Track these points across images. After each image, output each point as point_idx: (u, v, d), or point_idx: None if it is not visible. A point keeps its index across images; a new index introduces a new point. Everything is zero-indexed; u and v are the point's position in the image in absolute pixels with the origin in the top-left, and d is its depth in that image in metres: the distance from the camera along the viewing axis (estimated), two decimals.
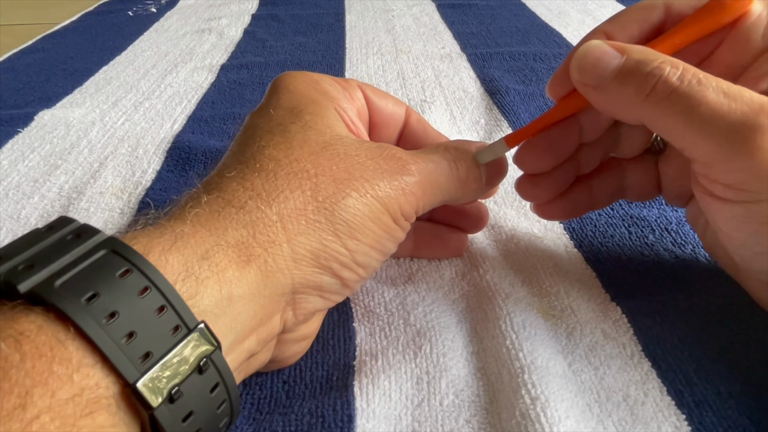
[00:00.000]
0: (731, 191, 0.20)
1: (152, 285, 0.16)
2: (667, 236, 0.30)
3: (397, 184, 0.22)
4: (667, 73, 0.19)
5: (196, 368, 0.16)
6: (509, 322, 0.24)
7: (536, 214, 0.28)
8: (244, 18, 0.75)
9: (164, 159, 0.41)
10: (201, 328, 0.16)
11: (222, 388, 0.17)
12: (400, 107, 0.27)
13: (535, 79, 0.52)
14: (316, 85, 0.24)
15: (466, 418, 0.21)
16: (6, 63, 0.62)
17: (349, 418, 0.21)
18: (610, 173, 0.27)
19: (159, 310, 0.16)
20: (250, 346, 0.19)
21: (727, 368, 0.22)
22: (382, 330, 0.25)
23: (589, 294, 0.26)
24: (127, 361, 0.15)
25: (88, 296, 0.15)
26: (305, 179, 0.20)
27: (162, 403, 0.15)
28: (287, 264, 0.19)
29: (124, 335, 0.15)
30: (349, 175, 0.21)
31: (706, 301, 0.25)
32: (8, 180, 0.39)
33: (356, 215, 0.20)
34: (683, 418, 0.20)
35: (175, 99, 0.51)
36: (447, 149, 0.24)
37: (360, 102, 0.26)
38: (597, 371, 0.22)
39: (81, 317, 0.14)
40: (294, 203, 0.20)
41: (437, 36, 0.66)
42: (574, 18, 0.70)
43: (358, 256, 0.21)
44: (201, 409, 0.16)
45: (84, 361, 0.14)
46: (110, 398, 0.14)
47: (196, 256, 0.18)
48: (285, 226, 0.19)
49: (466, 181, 0.24)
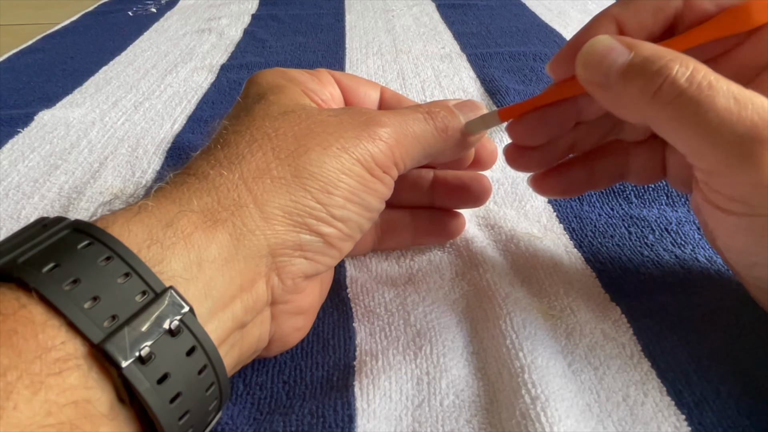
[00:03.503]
0: (733, 203, 0.19)
1: (114, 254, 0.16)
2: (667, 236, 0.30)
3: (365, 134, 0.21)
4: (675, 72, 0.18)
5: (168, 330, 0.16)
6: (509, 321, 0.24)
7: (533, 188, 0.27)
8: (244, 18, 0.75)
9: (164, 159, 0.41)
10: (170, 292, 0.16)
11: (201, 353, 0.17)
12: (373, 89, 0.27)
13: (535, 79, 0.52)
14: (283, 74, 0.25)
15: (466, 418, 0.21)
16: (6, 63, 0.62)
17: (350, 418, 0.21)
18: (612, 155, 0.26)
19: (124, 277, 0.16)
20: (235, 314, 0.19)
21: (726, 368, 0.22)
22: (382, 330, 0.25)
23: (589, 294, 0.26)
24: (90, 323, 0.15)
25: (50, 267, 0.15)
26: (266, 141, 0.20)
27: (131, 363, 0.15)
28: (258, 224, 0.19)
29: (88, 299, 0.15)
30: (310, 131, 0.21)
31: (706, 301, 0.25)
32: (8, 180, 0.39)
33: (323, 168, 0.20)
34: (683, 418, 0.20)
35: (175, 99, 0.51)
36: (419, 105, 0.24)
37: (332, 86, 0.26)
38: (597, 371, 0.22)
39: (42, 284, 0.15)
40: (256, 164, 0.20)
41: (437, 36, 0.66)
42: (574, 18, 0.70)
43: (334, 210, 0.21)
44: (178, 373, 0.16)
45: (49, 323, 0.14)
46: (80, 359, 0.15)
47: (161, 224, 0.18)
48: (249, 187, 0.19)
49: (444, 129, 0.24)
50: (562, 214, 0.32)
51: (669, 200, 0.33)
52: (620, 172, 0.26)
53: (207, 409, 0.17)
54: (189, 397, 0.16)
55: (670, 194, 0.33)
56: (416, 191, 0.28)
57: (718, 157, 0.18)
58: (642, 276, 0.27)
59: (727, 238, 0.21)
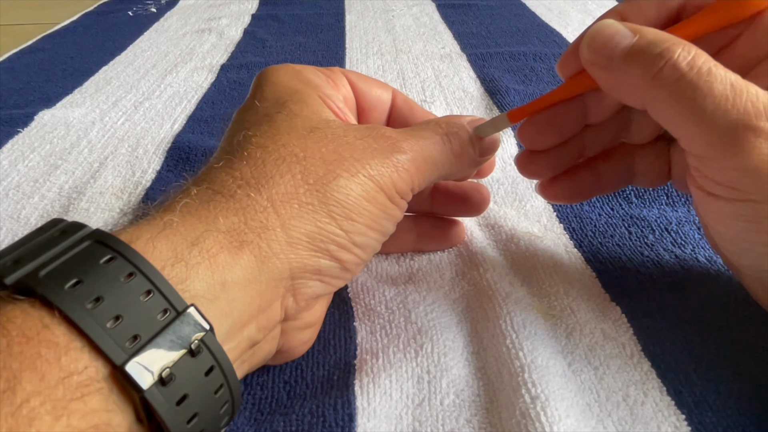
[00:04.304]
0: (721, 188, 0.20)
1: (137, 270, 0.16)
2: (667, 236, 0.30)
3: (389, 161, 0.21)
4: (677, 56, 0.19)
5: (188, 351, 0.16)
6: (509, 321, 0.24)
7: (541, 195, 0.27)
8: (244, 18, 0.75)
9: (164, 159, 0.41)
10: (191, 311, 0.16)
11: (218, 372, 0.17)
12: (386, 90, 0.27)
13: (535, 79, 0.52)
14: (298, 75, 0.24)
15: (466, 417, 0.21)
16: (6, 63, 0.62)
17: (350, 417, 0.21)
18: (619, 158, 0.26)
19: (146, 294, 0.16)
20: (250, 334, 0.19)
21: (726, 368, 0.22)
22: (383, 328, 0.25)
23: (589, 294, 0.26)
24: (113, 344, 0.15)
25: (72, 283, 0.15)
26: (294, 163, 0.20)
27: (153, 385, 0.15)
28: (282, 248, 0.19)
29: (110, 318, 0.15)
30: (339, 156, 0.21)
31: (705, 301, 0.25)
32: (8, 180, 0.39)
33: (349, 195, 0.20)
34: (683, 417, 0.20)
35: (175, 99, 0.51)
36: (438, 124, 0.24)
37: (345, 89, 0.26)
38: (597, 371, 0.22)
39: (65, 302, 0.15)
40: (285, 187, 0.20)
41: (437, 36, 0.66)
42: (574, 18, 0.70)
43: (356, 237, 0.21)
44: (196, 393, 0.16)
45: (71, 345, 0.14)
46: (101, 381, 0.14)
47: (186, 242, 0.17)
48: (277, 210, 0.19)
49: (460, 154, 0.24)
50: (562, 214, 0.32)
51: (669, 200, 0.33)
52: (626, 176, 0.27)
53: (219, 425, 0.17)
54: (205, 417, 0.16)
55: (670, 194, 0.33)
56: (417, 199, 0.29)
57: (710, 141, 0.19)
58: (642, 276, 0.27)
59: (717, 224, 0.21)
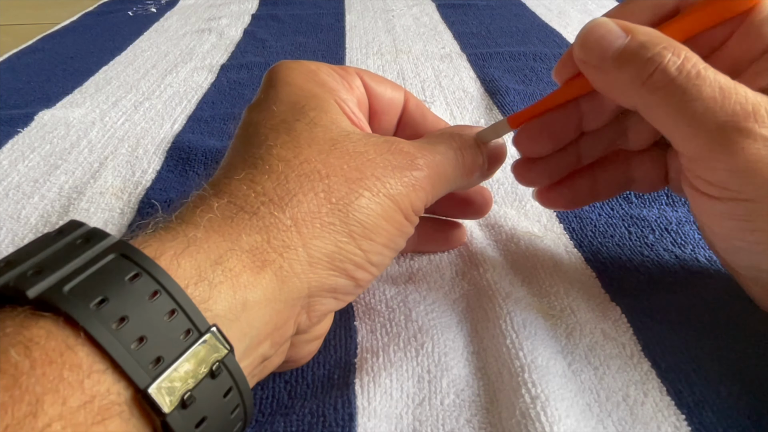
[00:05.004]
0: (714, 188, 0.20)
1: (162, 289, 0.16)
2: (667, 236, 0.30)
3: (407, 180, 0.21)
4: (667, 61, 0.19)
5: (209, 373, 0.16)
6: (509, 321, 0.24)
7: (539, 202, 0.27)
8: (244, 18, 0.75)
9: (164, 159, 0.41)
10: (213, 331, 0.16)
11: (235, 393, 0.17)
12: (398, 92, 0.27)
13: (535, 79, 0.52)
14: (314, 76, 0.24)
15: (466, 417, 0.21)
16: (6, 63, 0.62)
17: (350, 416, 0.21)
18: (615, 165, 0.27)
19: (170, 314, 0.16)
20: (264, 350, 0.19)
21: (726, 368, 0.22)
22: (383, 327, 0.25)
23: (589, 294, 0.26)
24: (138, 367, 0.14)
25: (98, 301, 0.15)
26: (317, 181, 0.20)
27: (174, 409, 0.15)
28: (303, 269, 0.19)
29: (135, 340, 0.15)
30: (361, 174, 0.21)
31: (706, 300, 0.25)
32: (8, 180, 0.39)
33: (370, 215, 0.20)
34: (683, 417, 0.20)
35: (175, 99, 0.51)
36: (452, 137, 0.24)
37: (359, 90, 0.25)
38: (597, 371, 0.22)
39: (90, 323, 0.14)
40: (308, 206, 0.19)
41: (437, 36, 0.66)
42: (574, 18, 0.70)
43: (372, 256, 0.21)
44: (214, 415, 0.16)
45: (95, 367, 0.14)
46: (122, 404, 0.14)
47: (209, 260, 0.17)
48: (300, 230, 0.19)
49: (471, 168, 0.24)
50: (562, 214, 0.32)
51: (669, 200, 0.33)
52: (623, 182, 0.27)
53: None
54: None
55: (670, 194, 0.33)
56: None
57: (700, 143, 0.19)
58: (642, 276, 0.27)
59: (712, 223, 0.21)
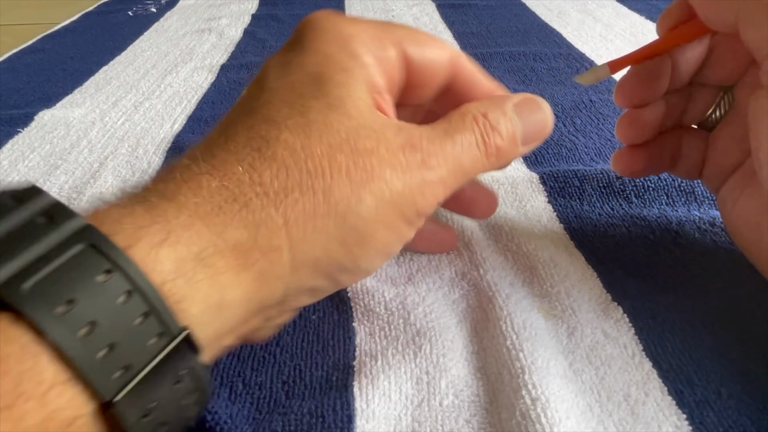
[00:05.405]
0: None
1: (135, 289, 0.14)
2: (667, 236, 0.30)
3: (417, 183, 0.20)
4: None
5: (175, 380, 0.15)
6: (509, 322, 0.24)
7: (616, 166, 0.29)
8: (244, 18, 0.75)
9: (164, 159, 0.41)
10: (185, 335, 0.15)
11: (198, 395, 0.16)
12: (443, 55, 0.23)
13: (535, 79, 0.52)
14: (347, 45, 0.21)
15: (466, 418, 0.21)
16: (6, 63, 0.62)
17: (349, 418, 0.21)
18: (673, 138, 0.28)
19: (142, 317, 0.14)
20: (225, 342, 0.19)
21: (728, 368, 0.22)
22: (381, 329, 0.25)
23: (590, 294, 0.26)
24: (104, 377, 0.14)
25: (64, 303, 0.13)
26: (319, 178, 0.18)
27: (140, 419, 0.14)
28: (285, 272, 0.18)
29: (104, 347, 0.14)
30: (367, 175, 0.19)
31: (706, 301, 0.25)
32: (8, 180, 0.39)
33: (368, 222, 0.19)
34: (684, 418, 0.20)
35: (175, 99, 0.51)
36: (475, 120, 0.21)
37: (393, 64, 0.22)
38: (598, 371, 0.22)
39: (58, 331, 0.13)
40: (303, 206, 0.18)
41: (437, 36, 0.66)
42: (574, 18, 0.70)
43: (362, 262, 0.20)
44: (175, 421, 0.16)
45: (58, 379, 0.13)
46: (86, 416, 0.13)
47: (190, 254, 0.16)
48: (290, 231, 0.18)
49: (495, 153, 0.22)
50: (562, 214, 0.32)
51: (669, 200, 0.33)
52: (674, 157, 0.28)
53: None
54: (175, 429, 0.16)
55: (670, 194, 0.33)
56: None
57: None
58: (643, 276, 0.27)
59: None
